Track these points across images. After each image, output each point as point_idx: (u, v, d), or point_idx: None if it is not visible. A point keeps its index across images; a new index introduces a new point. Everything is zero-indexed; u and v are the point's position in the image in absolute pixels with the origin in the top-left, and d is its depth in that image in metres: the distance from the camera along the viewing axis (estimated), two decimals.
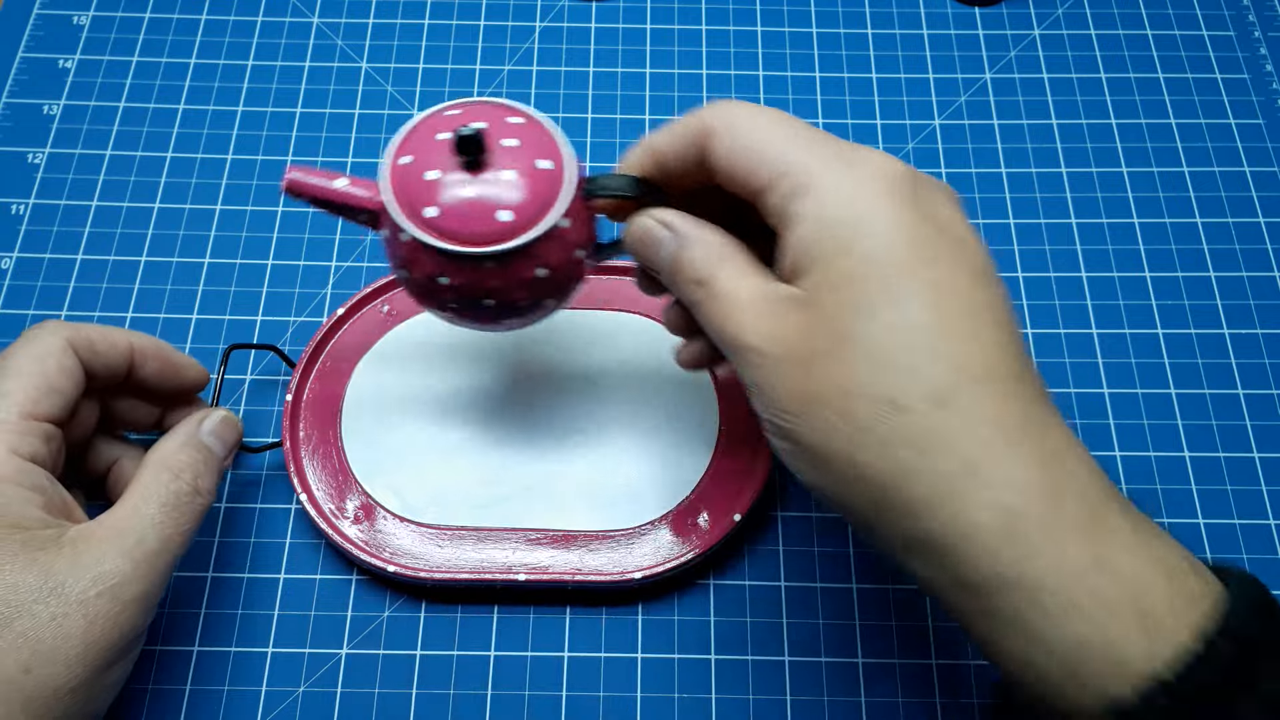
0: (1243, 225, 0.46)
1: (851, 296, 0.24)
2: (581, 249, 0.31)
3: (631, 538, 0.37)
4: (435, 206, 0.29)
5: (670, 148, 0.29)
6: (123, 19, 0.50)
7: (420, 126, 0.30)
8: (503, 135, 0.30)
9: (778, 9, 0.52)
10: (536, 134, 0.30)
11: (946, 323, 0.24)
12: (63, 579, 0.28)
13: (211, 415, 0.35)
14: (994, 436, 0.23)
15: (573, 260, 0.31)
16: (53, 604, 0.28)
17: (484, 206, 0.29)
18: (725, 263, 0.27)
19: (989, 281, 0.25)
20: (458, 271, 0.29)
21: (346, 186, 0.31)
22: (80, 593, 0.28)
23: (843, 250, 0.25)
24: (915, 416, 0.23)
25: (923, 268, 0.24)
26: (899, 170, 0.26)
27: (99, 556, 0.29)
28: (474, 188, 0.29)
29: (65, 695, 0.28)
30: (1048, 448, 0.23)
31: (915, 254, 0.24)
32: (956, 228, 0.26)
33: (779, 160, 0.26)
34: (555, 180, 0.29)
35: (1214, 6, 0.52)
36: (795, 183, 0.26)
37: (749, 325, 0.26)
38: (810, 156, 0.26)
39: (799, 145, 0.26)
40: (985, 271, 0.25)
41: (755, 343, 0.26)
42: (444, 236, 0.29)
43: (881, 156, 0.26)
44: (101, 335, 0.33)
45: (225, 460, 0.35)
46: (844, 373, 0.24)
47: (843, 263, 0.25)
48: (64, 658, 0.27)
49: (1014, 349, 0.25)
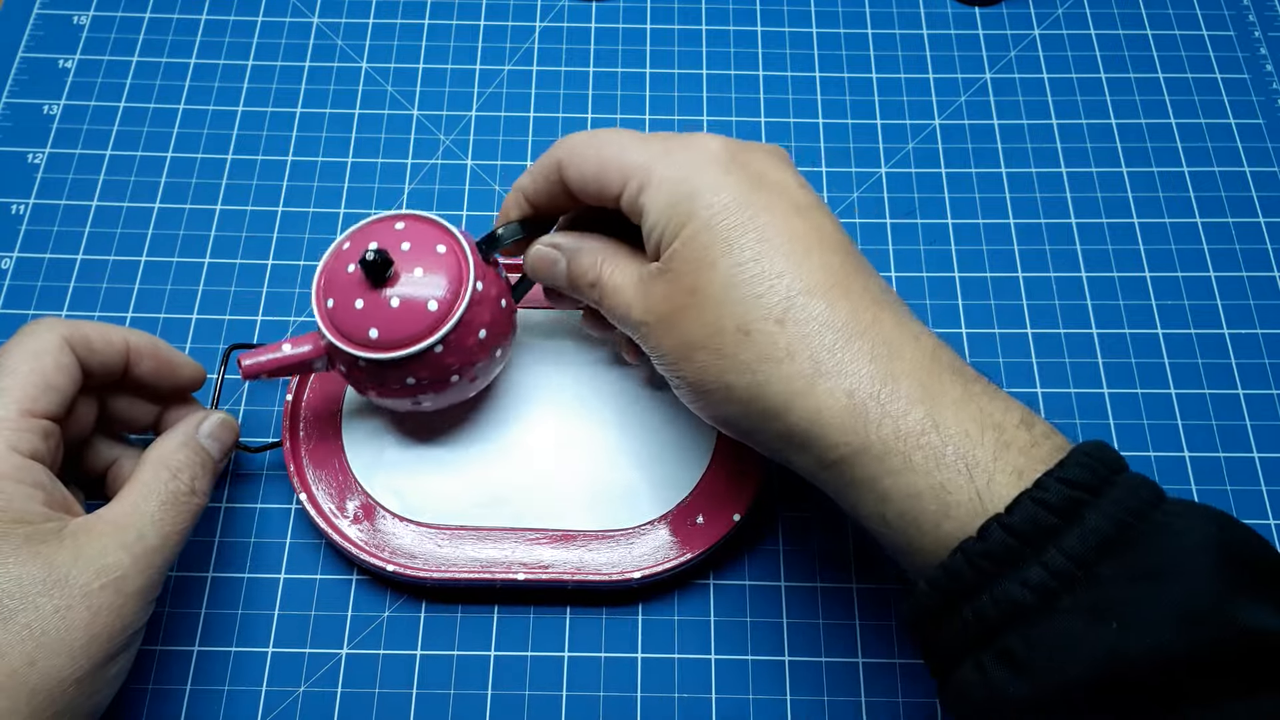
0: (1243, 225, 0.46)
1: (696, 255, 0.29)
2: (503, 299, 0.36)
3: (631, 538, 0.37)
4: (374, 328, 0.33)
5: (535, 187, 0.34)
6: (123, 19, 0.50)
7: (327, 270, 0.34)
8: (396, 242, 0.34)
9: (778, 9, 0.52)
10: (421, 229, 0.35)
11: (774, 256, 0.28)
12: (66, 571, 0.28)
13: (210, 417, 0.35)
14: (829, 338, 0.28)
15: (501, 311, 0.35)
16: (56, 596, 0.28)
17: (413, 306, 0.33)
18: (607, 262, 0.33)
19: (810, 213, 0.30)
20: (420, 366, 0.34)
21: (293, 350, 0.35)
22: (84, 585, 0.28)
23: (683, 222, 0.29)
24: (762, 336, 0.28)
25: (748, 217, 0.29)
26: (719, 145, 0.31)
27: (101, 549, 0.29)
28: (396, 297, 0.33)
29: (70, 687, 0.28)
30: (879, 337, 0.28)
31: (740, 208, 0.29)
32: (776, 177, 0.30)
33: (621, 167, 0.31)
34: (457, 257, 0.34)
35: (1214, 6, 0.52)
36: (638, 182, 0.31)
37: (633, 304, 0.31)
38: (645, 156, 0.31)
39: (634, 150, 0.31)
40: (806, 206, 0.30)
41: (639, 317, 0.31)
42: (394, 346, 0.33)
43: (705, 138, 0.31)
44: (98, 332, 0.33)
45: (221, 463, 0.35)
46: (703, 318, 0.29)
47: (686, 232, 0.29)
48: (68, 649, 0.28)
49: (840, 263, 0.29)
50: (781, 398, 0.28)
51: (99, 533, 0.29)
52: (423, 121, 0.48)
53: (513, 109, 0.49)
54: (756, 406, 0.29)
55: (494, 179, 0.47)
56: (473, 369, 0.35)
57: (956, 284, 0.45)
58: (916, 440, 0.26)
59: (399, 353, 0.33)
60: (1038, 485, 0.25)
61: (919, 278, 0.45)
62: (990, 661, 0.25)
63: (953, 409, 0.27)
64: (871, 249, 0.45)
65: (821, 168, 0.47)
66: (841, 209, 0.46)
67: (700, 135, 0.31)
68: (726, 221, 0.29)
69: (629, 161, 0.31)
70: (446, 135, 0.48)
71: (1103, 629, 0.23)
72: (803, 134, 0.48)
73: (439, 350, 0.34)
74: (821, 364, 0.27)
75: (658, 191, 0.30)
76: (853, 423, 0.27)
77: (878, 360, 0.27)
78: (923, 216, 0.46)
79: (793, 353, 0.28)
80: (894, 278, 0.45)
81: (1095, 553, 0.24)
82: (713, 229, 0.29)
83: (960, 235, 0.46)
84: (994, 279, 0.45)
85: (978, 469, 0.26)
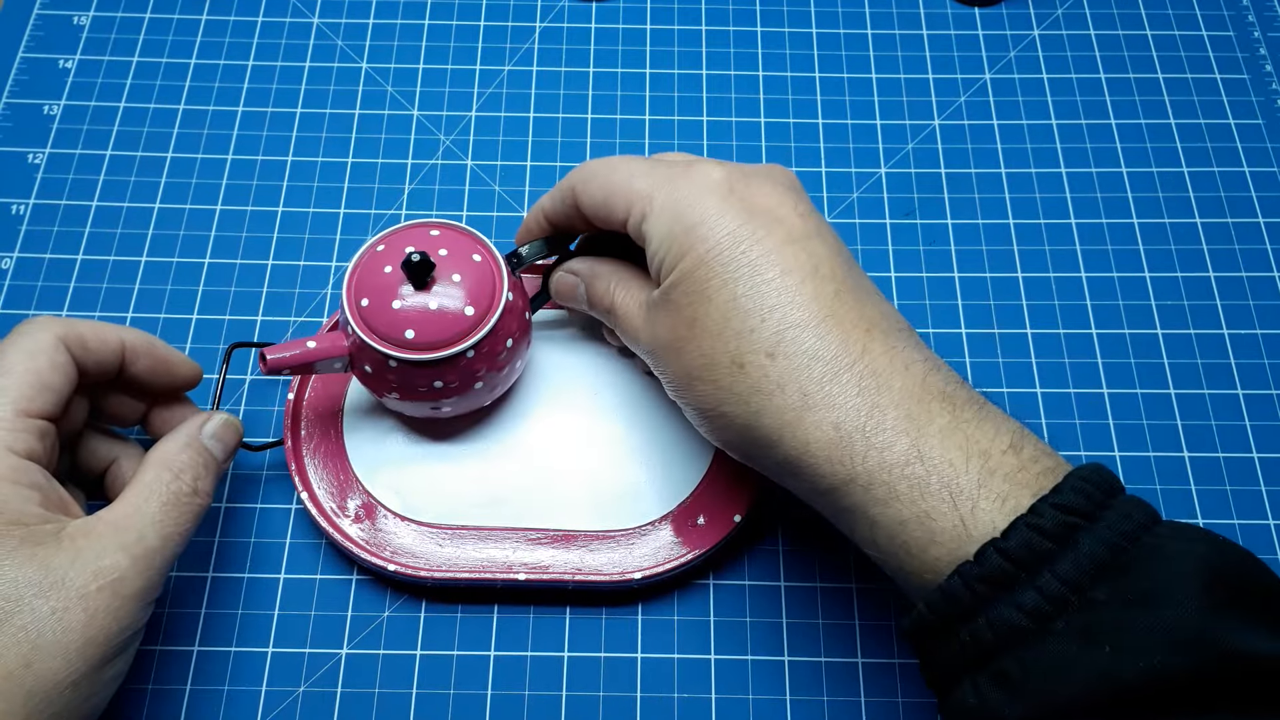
0: (1242, 225, 0.46)
1: (693, 289, 0.30)
2: (525, 311, 0.37)
3: (632, 538, 0.37)
4: (411, 329, 0.34)
5: (554, 208, 0.36)
6: (123, 19, 0.50)
7: (360, 270, 0.35)
8: (433, 248, 0.35)
9: (778, 9, 0.52)
10: (456, 238, 0.35)
11: (767, 290, 0.29)
12: (63, 573, 0.28)
13: (214, 418, 0.35)
14: (818, 371, 0.28)
15: (525, 323, 0.37)
16: (53, 598, 0.28)
17: (451, 309, 0.34)
18: (619, 288, 0.34)
19: (806, 243, 0.30)
20: (450, 370, 0.34)
21: (317, 346, 0.35)
22: (81, 586, 0.28)
23: (681, 253, 0.30)
24: (755, 369, 0.29)
25: (742, 251, 0.30)
26: (719, 174, 0.31)
27: (99, 551, 0.29)
28: (435, 300, 0.34)
29: (66, 689, 0.28)
30: (868, 368, 0.28)
31: (735, 242, 0.30)
32: (771, 206, 0.31)
33: (626, 194, 0.32)
34: (490, 267, 0.35)
35: (1213, 6, 0.52)
36: (642, 209, 0.32)
37: (641, 330, 0.33)
38: (649, 184, 0.32)
39: (640, 177, 0.32)
40: (800, 237, 0.30)
41: (646, 342, 0.33)
42: (430, 349, 0.34)
43: (708, 166, 0.32)
44: (93, 331, 0.33)
45: (224, 464, 0.35)
46: (701, 349, 0.30)
47: (684, 264, 0.30)
48: (64, 651, 0.27)
49: (833, 292, 0.29)
50: (773, 429, 0.29)
51: (98, 534, 0.29)
52: (423, 122, 0.48)
53: (513, 109, 0.49)
54: (750, 435, 0.30)
55: (494, 179, 0.47)
56: (496, 376, 0.36)
57: (956, 284, 0.45)
58: (901, 471, 0.27)
59: (434, 354, 0.34)
60: (1033, 511, 0.25)
61: (918, 278, 0.45)
62: (986, 683, 0.25)
63: (939, 438, 0.27)
64: (871, 249, 0.45)
65: (821, 168, 0.47)
66: (841, 209, 0.46)
67: (704, 163, 0.32)
68: (721, 256, 0.30)
69: (635, 189, 0.32)
70: (446, 135, 0.48)
71: (1095, 652, 0.23)
72: (802, 134, 0.48)
73: (470, 356, 0.34)
74: (810, 397, 0.28)
75: (658, 220, 0.31)
76: (840, 454, 0.28)
77: (865, 392, 0.28)
78: (922, 217, 0.46)
79: (783, 386, 0.28)
80: (893, 278, 0.45)
81: (1089, 577, 0.24)
82: (708, 264, 0.30)
83: (960, 235, 0.46)
84: (993, 279, 0.45)
85: (961, 496, 0.26)
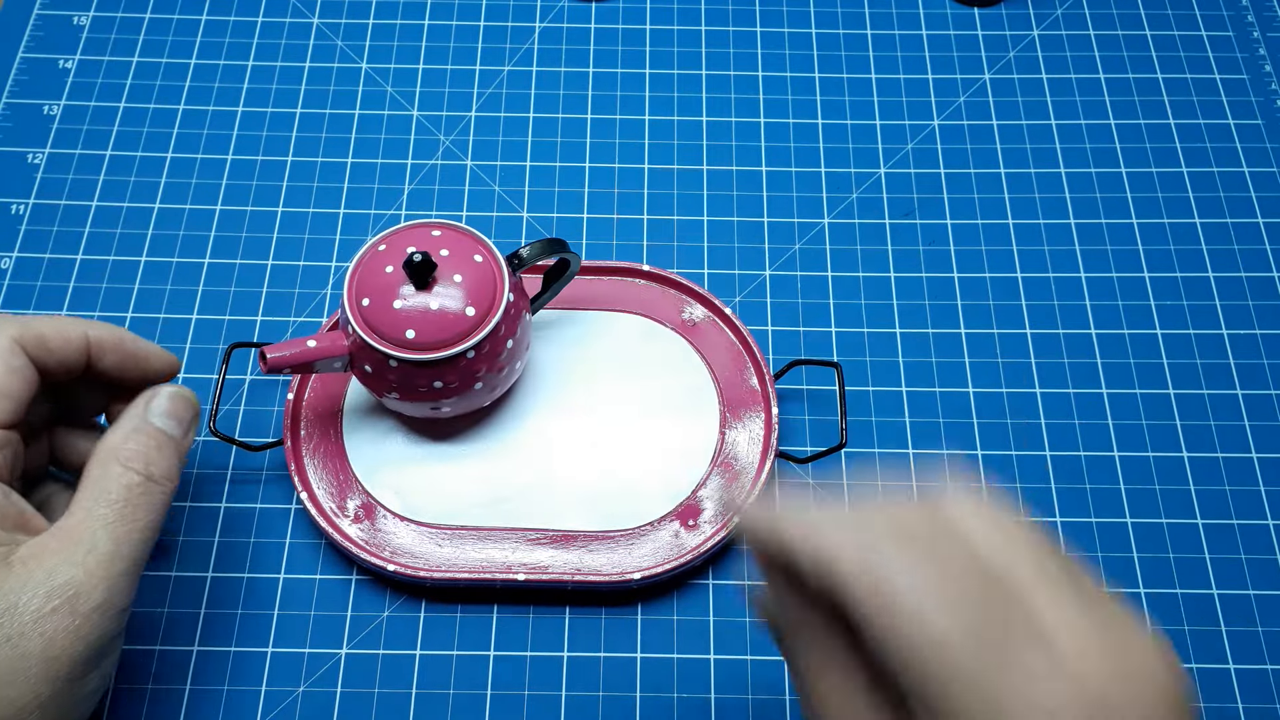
0: (1241, 226, 0.46)
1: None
2: (525, 313, 0.36)
3: (631, 538, 0.38)
4: (412, 328, 0.33)
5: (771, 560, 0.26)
6: (123, 19, 0.50)
7: (361, 270, 0.35)
8: (435, 248, 0.34)
9: (777, 9, 0.52)
10: (457, 238, 0.35)
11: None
12: (14, 599, 0.27)
13: (159, 394, 0.32)
14: None
15: (524, 324, 0.36)
16: (6, 625, 0.27)
17: (452, 310, 0.34)
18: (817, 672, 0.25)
19: None
20: (450, 370, 0.34)
21: (318, 345, 0.35)
22: (35, 611, 0.27)
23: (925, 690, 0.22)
24: None
25: None
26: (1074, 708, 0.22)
27: (50, 570, 0.27)
28: (436, 301, 0.34)
29: (34, 712, 0.27)
30: None
31: None
32: None
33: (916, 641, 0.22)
34: (491, 268, 0.35)
35: (1213, 7, 0.52)
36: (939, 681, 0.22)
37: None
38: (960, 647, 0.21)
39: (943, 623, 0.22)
40: None
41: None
42: (430, 348, 0.34)
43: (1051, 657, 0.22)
44: (54, 329, 0.31)
45: (185, 439, 0.32)
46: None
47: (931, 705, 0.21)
48: (23, 679, 0.27)
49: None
50: None
51: (50, 551, 0.28)
52: (422, 122, 0.48)
53: (512, 109, 0.49)
54: None
55: (493, 179, 0.47)
56: (496, 376, 0.36)
57: (955, 284, 0.45)
58: None
59: (435, 354, 0.34)
60: None
61: (918, 278, 0.45)
62: None
63: None
64: (871, 249, 0.45)
65: (821, 168, 0.47)
66: (841, 209, 0.46)
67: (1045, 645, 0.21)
68: None
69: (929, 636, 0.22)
70: (446, 136, 0.48)
71: None
72: (802, 134, 0.48)
73: (471, 356, 0.34)
74: None
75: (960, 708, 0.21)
76: None
77: None
78: (922, 217, 0.46)
79: None
80: (893, 278, 0.45)
81: None
82: None
83: (959, 235, 0.46)
84: (993, 279, 0.45)
85: None
